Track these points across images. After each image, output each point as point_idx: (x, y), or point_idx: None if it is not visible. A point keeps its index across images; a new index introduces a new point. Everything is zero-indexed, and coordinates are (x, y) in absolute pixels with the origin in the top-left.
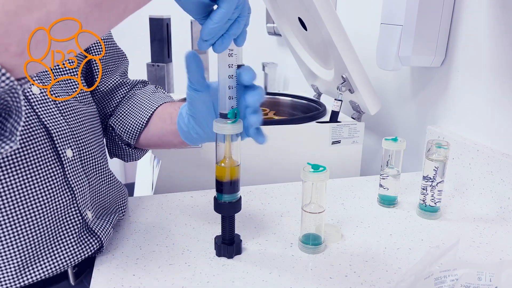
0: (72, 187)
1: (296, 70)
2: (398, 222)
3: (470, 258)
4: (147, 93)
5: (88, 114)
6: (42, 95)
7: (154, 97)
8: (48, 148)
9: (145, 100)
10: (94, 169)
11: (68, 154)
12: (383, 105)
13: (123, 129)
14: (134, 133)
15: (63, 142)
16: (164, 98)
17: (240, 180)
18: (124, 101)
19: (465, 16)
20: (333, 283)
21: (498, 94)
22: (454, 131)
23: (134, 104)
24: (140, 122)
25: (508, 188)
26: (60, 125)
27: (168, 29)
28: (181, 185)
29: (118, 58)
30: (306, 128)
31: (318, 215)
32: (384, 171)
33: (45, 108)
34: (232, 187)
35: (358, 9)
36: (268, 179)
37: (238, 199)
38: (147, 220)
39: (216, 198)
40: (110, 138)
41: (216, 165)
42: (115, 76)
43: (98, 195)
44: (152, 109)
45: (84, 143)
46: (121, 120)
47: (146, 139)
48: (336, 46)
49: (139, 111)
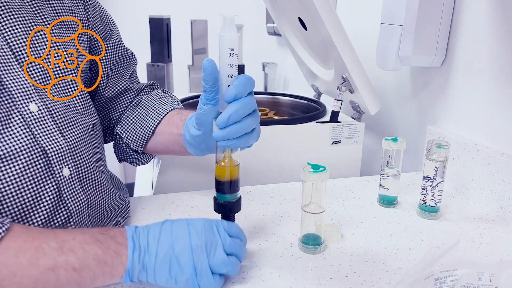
0: (69, 206)
1: (296, 70)
2: (398, 222)
3: (470, 258)
4: (154, 100)
5: (89, 126)
6: (40, 112)
7: (160, 104)
8: (44, 169)
9: (151, 108)
10: (93, 184)
11: (65, 173)
12: (383, 105)
13: (130, 138)
14: (141, 142)
15: (60, 161)
16: (171, 104)
17: (240, 180)
18: (131, 107)
19: (465, 16)
20: (333, 283)
21: (498, 94)
22: (454, 131)
23: (140, 112)
24: (147, 131)
25: (508, 188)
26: (58, 143)
27: (168, 29)
28: (181, 185)
29: (126, 61)
30: (306, 128)
31: (318, 215)
32: (384, 171)
33: (43, 126)
34: (232, 187)
35: (358, 9)
36: (268, 179)
37: (238, 199)
38: (147, 220)
39: (216, 198)
40: (117, 145)
41: (216, 164)
42: (123, 80)
43: (97, 209)
44: (159, 118)
45: (83, 159)
46: (128, 129)
47: (153, 146)
48: (336, 46)
49: (146, 120)
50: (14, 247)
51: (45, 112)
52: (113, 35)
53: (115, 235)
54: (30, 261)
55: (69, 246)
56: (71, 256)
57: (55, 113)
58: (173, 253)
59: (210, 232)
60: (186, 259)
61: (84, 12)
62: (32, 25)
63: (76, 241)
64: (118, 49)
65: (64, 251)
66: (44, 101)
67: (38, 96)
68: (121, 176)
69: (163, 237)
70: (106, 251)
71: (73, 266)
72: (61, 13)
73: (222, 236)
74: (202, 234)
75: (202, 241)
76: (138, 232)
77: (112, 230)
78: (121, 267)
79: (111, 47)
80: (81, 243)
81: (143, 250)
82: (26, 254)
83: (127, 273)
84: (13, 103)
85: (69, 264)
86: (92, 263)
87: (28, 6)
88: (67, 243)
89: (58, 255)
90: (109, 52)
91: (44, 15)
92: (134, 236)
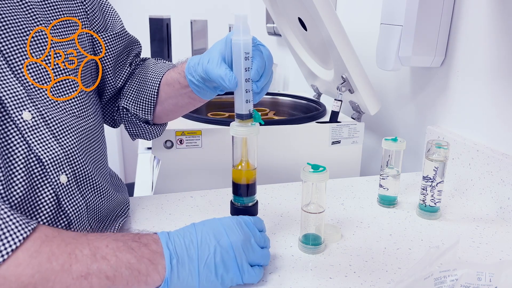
0: (68, 213)
1: (296, 70)
2: (398, 222)
3: (470, 258)
4: (149, 67)
5: (87, 130)
6: (33, 120)
7: (156, 68)
8: (40, 178)
9: (148, 74)
10: (92, 188)
11: (63, 180)
12: (383, 105)
13: (137, 107)
14: (149, 107)
15: (56, 169)
16: (167, 66)
17: (256, 184)
18: (129, 80)
19: (465, 16)
20: (333, 283)
21: (498, 94)
22: (454, 131)
23: (139, 80)
24: (151, 95)
25: (508, 188)
26: (53, 151)
27: (168, 29)
28: (181, 185)
29: (129, 47)
30: (306, 128)
31: (318, 215)
32: (384, 171)
33: (38, 134)
34: (248, 190)
35: (358, 9)
36: (268, 179)
37: (255, 203)
38: (147, 220)
39: (233, 202)
40: (127, 120)
41: (233, 168)
42: (125, 67)
43: (97, 212)
44: (158, 79)
45: (81, 164)
46: (132, 99)
47: (162, 110)
48: (336, 46)
49: (147, 86)
50: (46, 251)
51: (39, 119)
52: (116, 25)
53: (149, 243)
54: (62, 267)
55: (102, 253)
56: (104, 264)
57: (50, 119)
58: (216, 255)
59: (243, 229)
60: (230, 259)
61: (82, 7)
62: (26, 28)
63: (109, 248)
64: (122, 39)
65: (97, 259)
66: (38, 108)
67: (32, 103)
68: (121, 176)
69: (201, 241)
70: (140, 260)
71: (106, 274)
72: (57, 13)
73: (253, 231)
74: (237, 231)
75: (240, 238)
76: (173, 239)
77: (145, 237)
78: (157, 275)
79: (114, 38)
80: (114, 251)
81: (181, 257)
82: (59, 260)
83: (165, 283)
84: (5, 112)
85: (102, 272)
86: (125, 272)
87: (21, 9)
88: (100, 250)
89: (91, 262)
90: (113, 43)
91: (38, 17)
92: (168, 243)
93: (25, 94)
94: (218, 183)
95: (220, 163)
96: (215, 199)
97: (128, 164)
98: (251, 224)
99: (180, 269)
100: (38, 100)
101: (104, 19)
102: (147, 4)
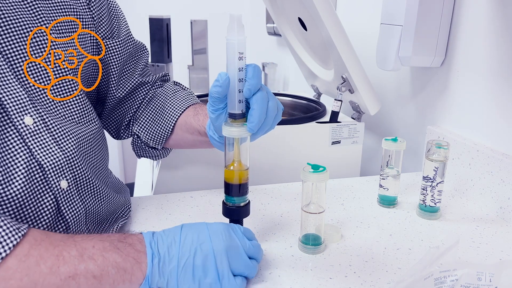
0: (67, 219)
1: (296, 70)
2: (398, 223)
3: (470, 258)
4: (168, 95)
5: (88, 136)
6: (35, 125)
7: (175, 101)
8: (41, 183)
9: (167, 106)
10: (92, 193)
11: (63, 186)
12: (383, 105)
13: (148, 137)
14: (160, 140)
15: (57, 174)
16: (187, 99)
17: (248, 184)
18: (145, 103)
19: (465, 16)
20: (333, 283)
21: (498, 94)
22: (454, 131)
23: (156, 110)
24: (165, 130)
25: (508, 188)
26: (54, 156)
27: (168, 29)
28: (181, 185)
29: (137, 54)
30: (306, 128)
31: (318, 215)
32: (384, 171)
33: (39, 140)
34: (240, 190)
35: (358, 9)
36: (268, 179)
37: (247, 203)
38: (147, 220)
39: (224, 202)
40: (136, 144)
41: (225, 168)
42: (135, 76)
43: (95, 216)
44: (176, 116)
45: (82, 170)
46: (146, 128)
47: (173, 144)
48: (336, 46)
49: (163, 118)
50: (35, 255)
51: (41, 124)
52: (122, 30)
53: (134, 243)
54: (51, 269)
55: (89, 253)
56: (91, 263)
57: (51, 124)
58: (196, 258)
59: (230, 235)
60: (209, 263)
61: (88, 10)
62: (29, 28)
63: (95, 248)
64: (128, 46)
65: (84, 259)
66: (40, 113)
67: (34, 108)
68: (121, 176)
69: (184, 242)
70: (125, 259)
71: (93, 273)
72: (62, 12)
73: (241, 239)
74: (222, 238)
75: (224, 245)
76: (156, 239)
77: (130, 237)
78: (141, 274)
79: (121, 45)
80: (101, 251)
81: (162, 257)
82: (47, 263)
83: (146, 280)
84: (7, 117)
85: (89, 272)
86: (111, 271)
87: (25, 7)
88: (87, 250)
89: (79, 262)
90: (119, 51)
91: (43, 15)
92: (152, 242)
93: (27, 98)
94: (218, 183)
95: (220, 163)
96: (215, 199)
97: (128, 164)
98: (239, 232)
99: (161, 267)
100: (39, 104)
101: (111, 23)
102: (147, 4)
